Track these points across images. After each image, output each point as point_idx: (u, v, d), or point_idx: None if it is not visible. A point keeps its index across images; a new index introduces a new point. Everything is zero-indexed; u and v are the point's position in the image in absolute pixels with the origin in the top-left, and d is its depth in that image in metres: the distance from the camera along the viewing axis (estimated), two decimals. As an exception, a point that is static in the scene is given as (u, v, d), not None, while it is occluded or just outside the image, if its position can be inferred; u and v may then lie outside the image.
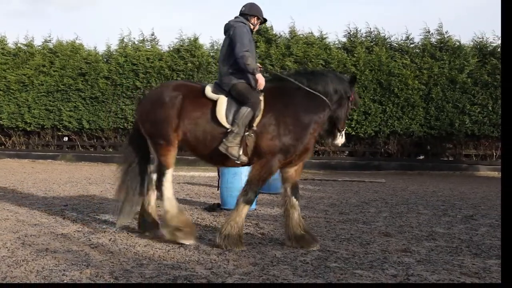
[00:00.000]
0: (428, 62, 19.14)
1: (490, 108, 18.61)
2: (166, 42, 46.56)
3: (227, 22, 5.84)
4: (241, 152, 5.32)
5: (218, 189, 8.47)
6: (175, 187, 11.20)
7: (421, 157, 20.16)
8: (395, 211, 8.10)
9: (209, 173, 15.56)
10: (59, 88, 22.23)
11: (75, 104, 22.14)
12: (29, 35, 23.73)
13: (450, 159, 19.87)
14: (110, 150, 22.40)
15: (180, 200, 8.98)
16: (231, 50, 5.59)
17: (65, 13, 58.52)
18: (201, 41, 21.95)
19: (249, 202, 5.29)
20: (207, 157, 5.63)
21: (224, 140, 5.31)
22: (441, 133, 19.02)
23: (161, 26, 55.73)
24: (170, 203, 5.49)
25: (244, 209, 5.28)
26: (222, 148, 5.31)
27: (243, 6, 5.90)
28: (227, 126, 5.36)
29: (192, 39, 21.80)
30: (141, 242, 5.32)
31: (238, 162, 5.41)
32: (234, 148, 5.29)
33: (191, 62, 21.11)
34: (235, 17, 5.87)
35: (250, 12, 5.86)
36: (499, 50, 18.74)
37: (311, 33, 20.99)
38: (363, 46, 20.04)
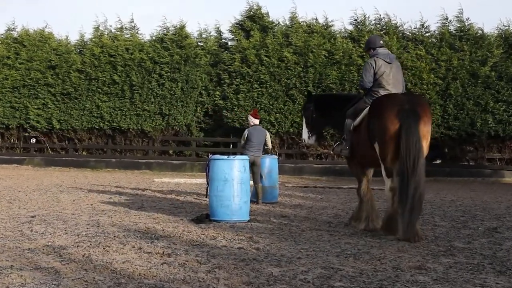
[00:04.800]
0: (446, 54, 19.18)
1: (516, 105, 18.69)
2: (147, 31, 46.50)
3: (388, 51, 7.66)
4: None
5: (206, 197, 8.46)
6: (158, 196, 11.22)
7: (438, 161, 20.18)
8: (409, 222, 8.10)
9: (196, 180, 15.56)
10: (26, 83, 22.16)
11: (43, 101, 22.07)
12: (-11, 23, 23.76)
13: (471, 163, 19.91)
14: (84, 153, 22.33)
15: (164, 211, 8.96)
16: (401, 79, 7.66)
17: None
18: (188, 29, 21.96)
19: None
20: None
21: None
22: (460, 134, 19.05)
23: (142, 12, 55.59)
24: None
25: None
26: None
27: (382, 41, 7.79)
28: None
29: (177, 27, 21.76)
30: (119, 258, 5.31)
31: None
32: None
33: (177, 54, 21.06)
34: (383, 47, 7.68)
35: None
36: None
37: (316, 19, 20.94)
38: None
